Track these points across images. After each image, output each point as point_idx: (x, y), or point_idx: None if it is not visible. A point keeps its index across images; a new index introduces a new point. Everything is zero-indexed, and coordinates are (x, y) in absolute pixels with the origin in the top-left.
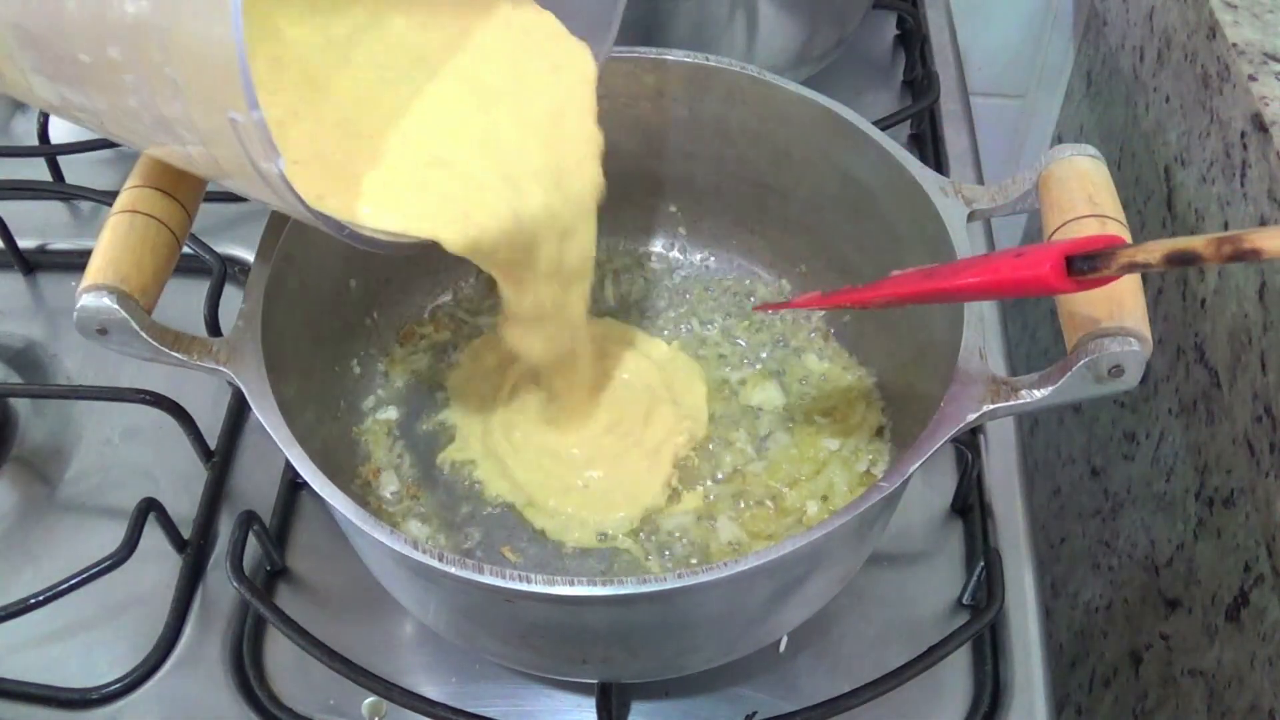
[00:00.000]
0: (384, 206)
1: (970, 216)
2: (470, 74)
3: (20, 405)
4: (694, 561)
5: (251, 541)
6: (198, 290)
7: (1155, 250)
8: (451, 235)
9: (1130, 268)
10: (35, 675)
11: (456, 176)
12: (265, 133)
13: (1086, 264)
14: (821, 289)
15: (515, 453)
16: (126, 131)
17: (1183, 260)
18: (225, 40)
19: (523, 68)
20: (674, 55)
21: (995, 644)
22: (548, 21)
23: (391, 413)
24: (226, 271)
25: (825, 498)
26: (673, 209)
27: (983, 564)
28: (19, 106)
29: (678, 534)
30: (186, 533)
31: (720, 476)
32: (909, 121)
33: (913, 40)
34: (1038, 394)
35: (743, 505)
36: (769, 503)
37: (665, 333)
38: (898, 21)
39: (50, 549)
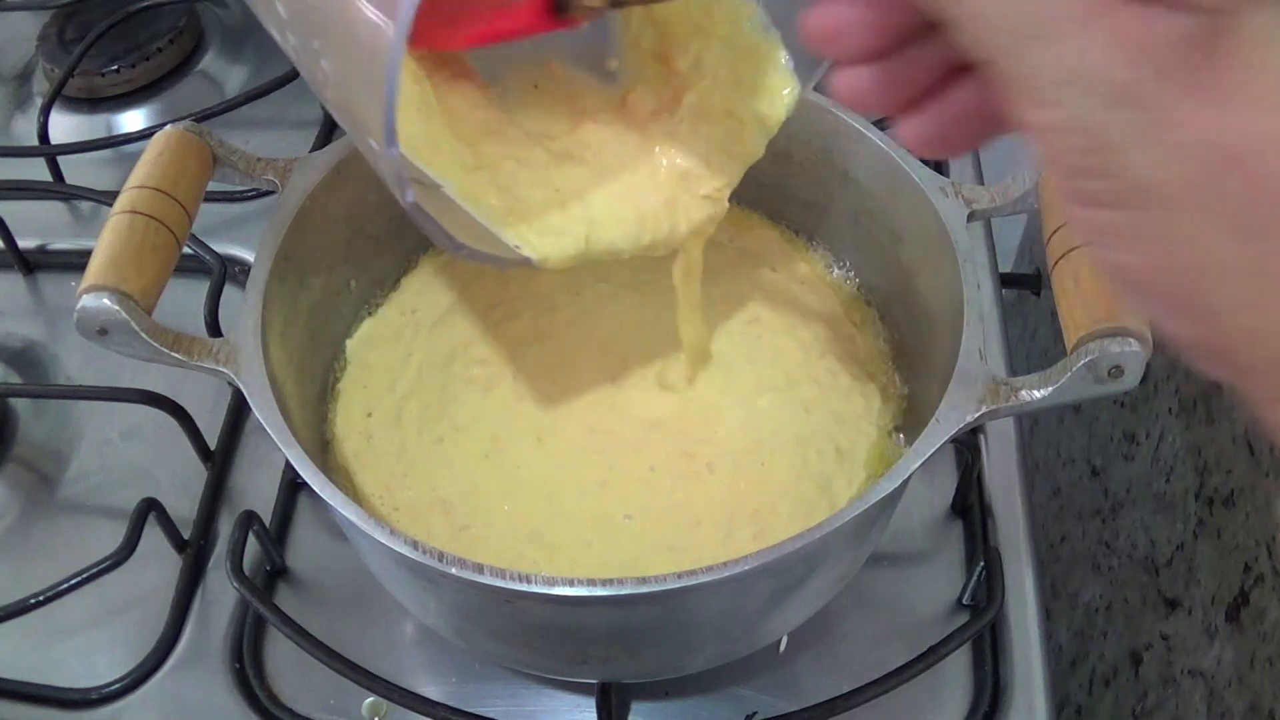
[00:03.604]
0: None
1: (970, 216)
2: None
3: (20, 405)
4: None
5: (251, 541)
6: (198, 290)
7: None
8: (549, 256)
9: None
10: (35, 675)
11: (574, 204)
12: (401, 171)
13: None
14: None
15: None
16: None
17: None
18: (378, 78)
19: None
20: None
21: (995, 644)
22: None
23: None
24: (226, 271)
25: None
26: None
27: (983, 564)
28: (19, 106)
29: None
30: (186, 533)
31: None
32: None
33: None
34: (1038, 394)
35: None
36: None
37: None
38: None
39: (50, 549)
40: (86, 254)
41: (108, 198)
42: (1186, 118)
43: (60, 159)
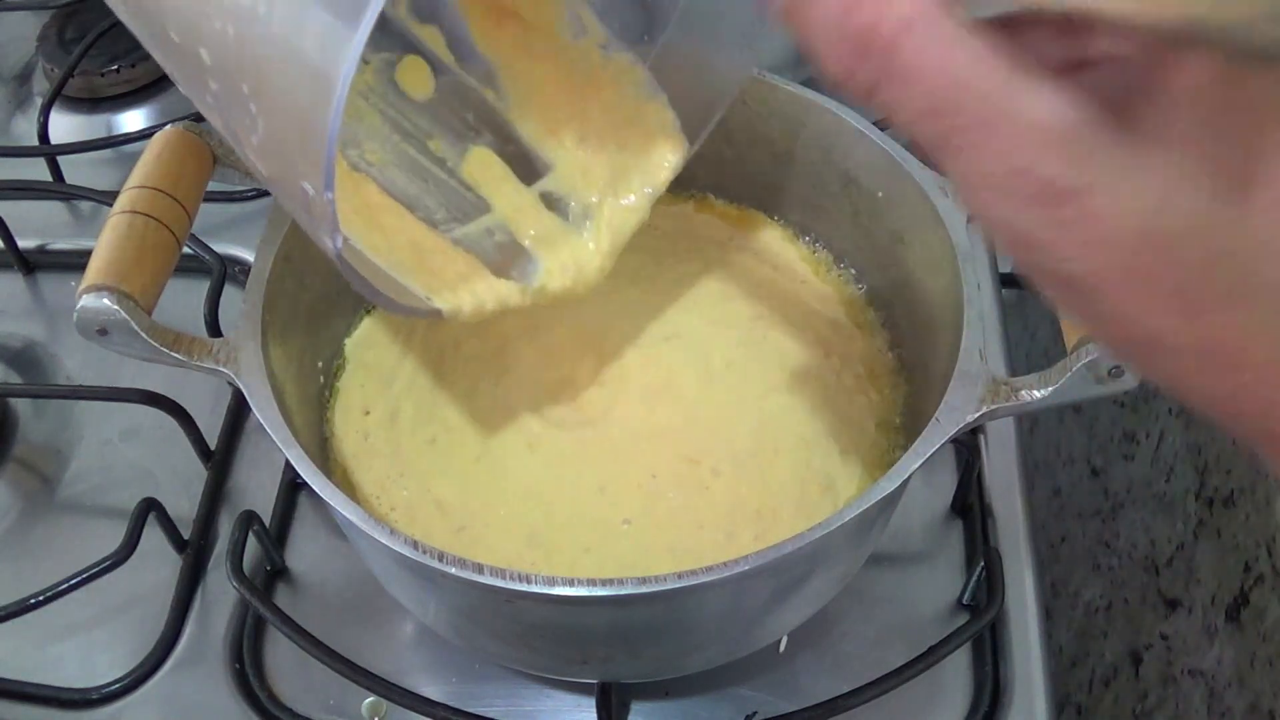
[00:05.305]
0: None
1: (970, 217)
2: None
3: (20, 405)
4: None
5: (251, 541)
6: (198, 290)
7: None
8: (453, 308)
9: None
10: (35, 675)
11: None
12: (333, 214)
13: None
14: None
15: None
16: (203, 108)
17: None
18: (321, 114)
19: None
20: None
21: (995, 644)
22: (651, 113)
23: None
24: (226, 271)
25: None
26: None
27: (983, 564)
28: (19, 106)
29: None
30: (186, 533)
31: None
32: None
33: None
34: (1038, 394)
35: None
36: None
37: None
38: None
39: (50, 549)
40: (86, 254)
41: (108, 198)
42: (1103, 208)
43: (60, 159)
